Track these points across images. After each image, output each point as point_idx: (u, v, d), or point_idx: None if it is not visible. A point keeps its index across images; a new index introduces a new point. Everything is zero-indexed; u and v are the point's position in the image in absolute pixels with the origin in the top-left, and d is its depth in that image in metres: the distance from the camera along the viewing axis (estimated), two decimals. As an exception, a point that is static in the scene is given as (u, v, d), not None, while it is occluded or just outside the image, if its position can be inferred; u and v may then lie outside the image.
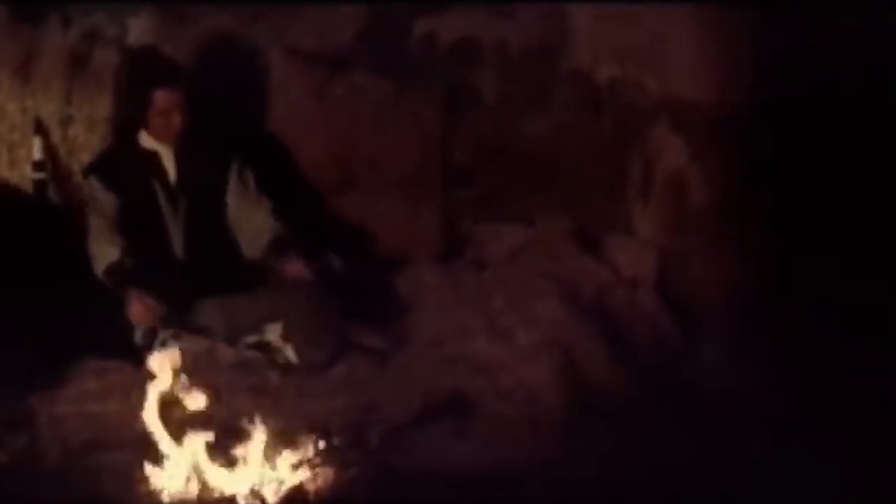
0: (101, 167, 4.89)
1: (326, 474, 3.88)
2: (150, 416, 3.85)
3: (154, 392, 3.86)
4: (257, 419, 3.87)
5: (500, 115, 5.45)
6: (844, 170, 4.39)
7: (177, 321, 4.65)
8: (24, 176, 5.09)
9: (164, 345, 4.59)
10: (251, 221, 4.87)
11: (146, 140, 4.85)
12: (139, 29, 5.23)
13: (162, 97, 4.78)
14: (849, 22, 4.32)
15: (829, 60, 4.34)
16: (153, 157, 4.85)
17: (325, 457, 3.94)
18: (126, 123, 4.98)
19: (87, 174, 4.91)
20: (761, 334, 4.52)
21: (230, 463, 3.82)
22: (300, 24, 5.36)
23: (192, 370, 4.37)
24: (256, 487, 3.75)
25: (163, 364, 3.86)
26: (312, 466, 3.89)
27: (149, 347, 4.56)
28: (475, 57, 5.46)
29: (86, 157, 5.08)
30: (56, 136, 5.12)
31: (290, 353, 4.58)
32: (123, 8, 5.24)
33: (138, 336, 4.64)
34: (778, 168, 4.53)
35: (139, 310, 4.63)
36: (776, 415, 4.17)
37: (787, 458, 3.91)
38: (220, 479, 3.77)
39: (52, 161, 5.10)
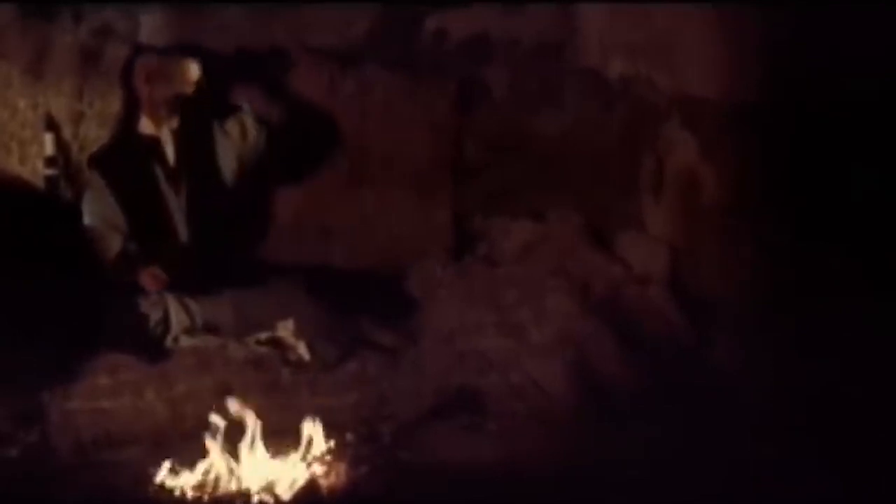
0: (102, 158, 4.95)
1: (339, 470, 3.89)
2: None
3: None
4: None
5: (512, 111, 5.45)
6: (857, 166, 4.37)
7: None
8: (35, 172, 5.10)
9: (176, 341, 4.62)
10: None
11: (146, 126, 4.91)
12: (151, 25, 5.23)
13: (141, 65, 4.91)
14: (860, 17, 4.30)
15: (842, 56, 4.32)
16: (154, 142, 4.90)
17: (338, 453, 3.95)
18: (127, 112, 5.00)
19: (90, 165, 4.97)
20: (773, 331, 4.51)
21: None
22: (313, 20, 5.35)
23: (204, 368, 4.43)
24: (271, 483, 3.76)
25: None
26: (325, 462, 3.90)
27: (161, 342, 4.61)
28: (486, 53, 5.46)
29: (97, 155, 5.10)
30: (67, 132, 5.13)
31: (302, 349, 4.57)
32: (135, 5, 5.23)
33: (152, 326, 4.64)
34: (790, 164, 4.52)
35: (149, 279, 4.76)
36: (788, 413, 4.16)
37: (797, 458, 3.91)
38: (235, 475, 3.79)
39: (63, 157, 5.10)
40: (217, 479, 3.80)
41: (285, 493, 3.76)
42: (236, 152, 4.97)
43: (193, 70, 4.88)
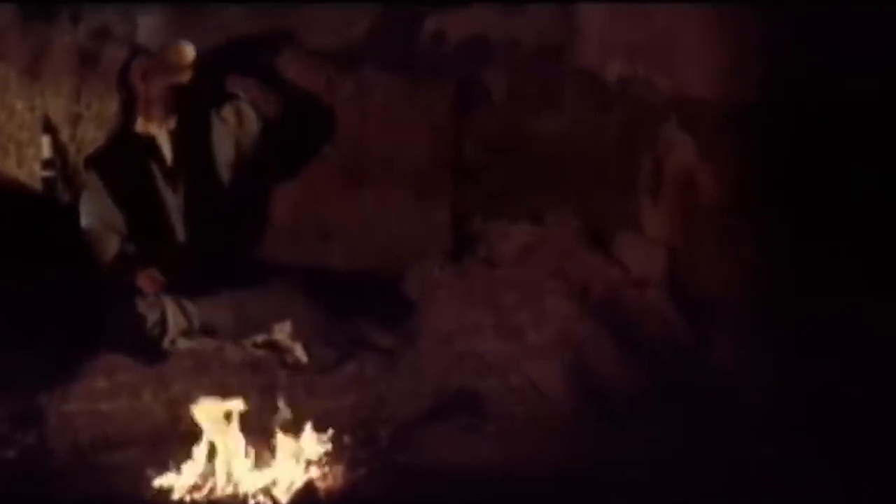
0: (100, 159, 4.96)
1: (336, 472, 3.88)
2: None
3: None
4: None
5: (511, 112, 5.45)
6: (857, 166, 4.38)
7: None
8: (33, 174, 5.10)
9: (173, 343, 4.61)
10: None
11: (142, 126, 4.91)
12: (149, 26, 5.22)
13: (137, 65, 4.92)
14: (860, 17, 4.30)
15: (842, 56, 4.32)
16: (151, 142, 4.90)
17: (336, 455, 3.94)
18: (124, 113, 5.00)
19: (87, 166, 4.98)
20: (773, 331, 4.51)
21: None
22: (312, 21, 5.35)
23: (201, 370, 4.42)
24: (268, 486, 3.75)
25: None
26: (323, 465, 3.89)
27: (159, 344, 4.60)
28: (485, 54, 5.46)
29: (95, 156, 5.09)
30: (65, 134, 5.13)
31: (299, 351, 4.56)
32: (134, 6, 5.23)
33: (149, 327, 4.64)
34: (790, 164, 4.52)
35: (146, 282, 4.75)
36: (788, 413, 4.16)
37: (797, 458, 3.90)
38: (233, 478, 3.77)
39: (60, 159, 5.10)
40: (214, 482, 3.79)
41: (283, 495, 3.74)
42: (233, 139, 4.96)
43: (188, 52, 4.87)
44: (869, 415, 4.03)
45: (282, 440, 3.88)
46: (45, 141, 5.06)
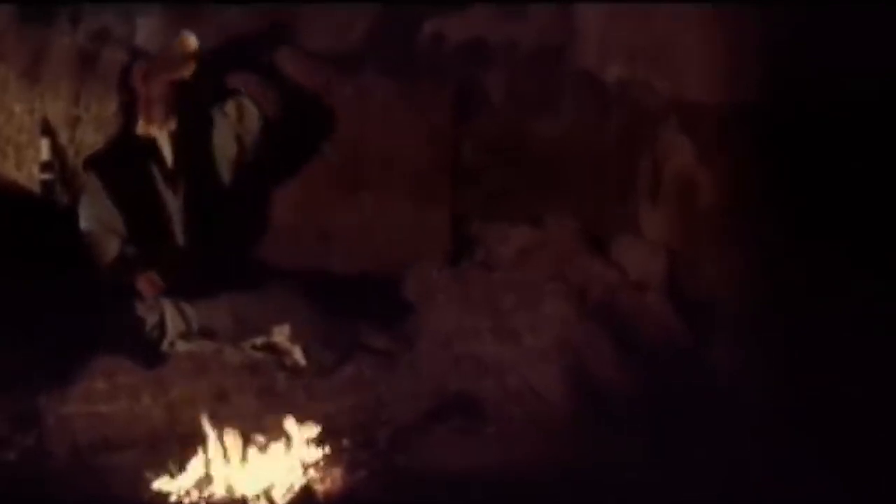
0: (99, 160, 4.96)
1: (335, 475, 3.88)
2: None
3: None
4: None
5: (509, 115, 5.45)
6: (855, 169, 4.37)
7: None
8: (32, 177, 5.09)
9: (172, 346, 4.61)
10: None
11: (143, 128, 4.91)
12: (148, 29, 5.22)
13: (138, 68, 4.93)
14: (860, 17, 4.30)
15: (842, 56, 4.32)
16: (151, 144, 4.90)
17: (334, 457, 3.94)
18: (125, 116, 5.00)
19: (86, 168, 4.98)
20: (773, 331, 4.51)
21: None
22: (311, 23, 5.36)
23: (200, 372, 4.42)
24: (266, 489, 3.74)
25: None
26: (321, 467, 3.88)
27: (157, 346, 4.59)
28: (485, 56, 5.46)
29: (93, 159, 5.09)
30: (64, 137, 5.12)
31: (298, 354, 4.55)
32: (134, 8, 5.23)
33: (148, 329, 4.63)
34: (790, 164, 4.52)
35: (146, 285, 4.77)
36: (788, 413, 4.16)
37: (797, 458, 3.90)
38: (231, 481, 3.77)
39: (59, 162, 5.09)
40: (213, 485, 3.78)
41: (281, 498, 3.74)
42: (234, 132, 4.96)
43: (192, 42, 4.87)
44: (869, 415, 4.03)
45: (281, 443, 3.89)
46: (44, 143, 5.06)
